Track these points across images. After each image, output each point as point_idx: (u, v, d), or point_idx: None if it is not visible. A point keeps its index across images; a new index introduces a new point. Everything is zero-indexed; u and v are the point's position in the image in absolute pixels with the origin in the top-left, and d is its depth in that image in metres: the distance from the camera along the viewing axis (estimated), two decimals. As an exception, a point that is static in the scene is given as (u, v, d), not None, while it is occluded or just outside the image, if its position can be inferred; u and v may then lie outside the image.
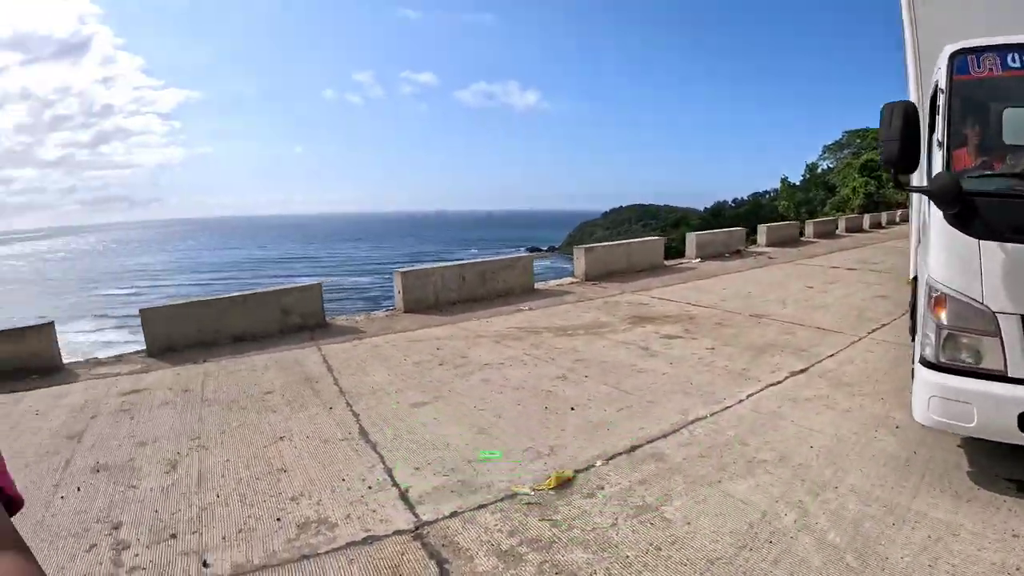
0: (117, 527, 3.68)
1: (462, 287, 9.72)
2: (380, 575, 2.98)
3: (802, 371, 5.65)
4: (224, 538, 3.44)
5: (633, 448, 4.09)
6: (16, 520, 2.50)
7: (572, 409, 4.81)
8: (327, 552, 3.21)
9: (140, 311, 8.04)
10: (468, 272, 9.93)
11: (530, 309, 8.77)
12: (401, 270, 9.47)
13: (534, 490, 3.61)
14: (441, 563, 3.02)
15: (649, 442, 4.17)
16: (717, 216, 59.13)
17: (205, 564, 3.21)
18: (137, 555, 3.37)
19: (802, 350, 6.29)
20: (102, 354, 8.56)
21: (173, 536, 3.52)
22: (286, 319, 8.47)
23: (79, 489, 4.22)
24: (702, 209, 78.86)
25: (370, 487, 3.85)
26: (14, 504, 0.57)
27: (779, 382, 5.36)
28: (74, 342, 30.57)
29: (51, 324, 7.69)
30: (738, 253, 15.35)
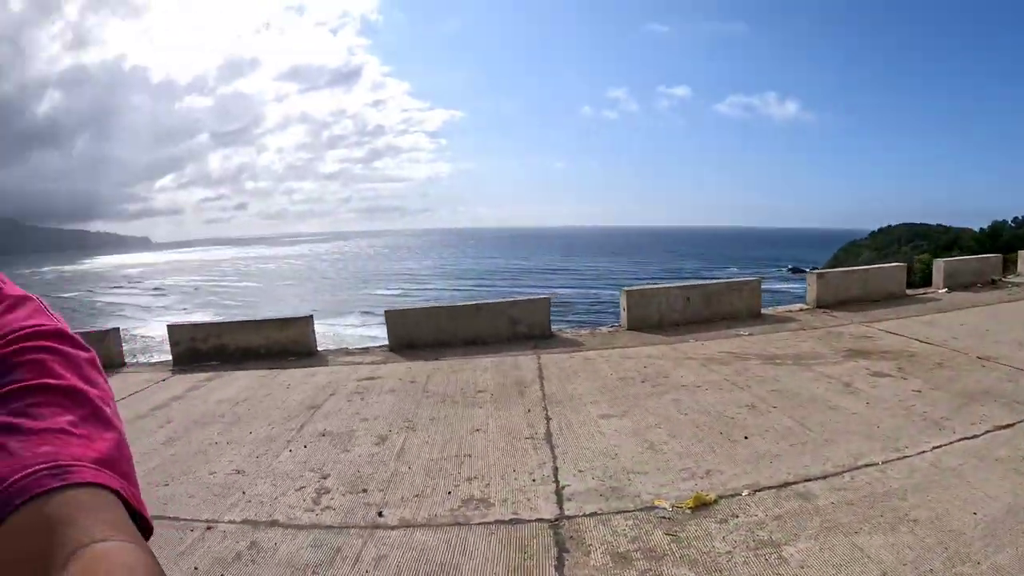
0: (325, 477, 4.66)
1: (686, 308, 9.81)
2: (509, 549, 3.44)
3: (1007, 426, 4.89)
4: (402, 499, 4.18)
5: (786, 484, 4.00)
6: (256, 462, 3.62)
7: (745, 438, 4.79)
8: (477, 524, 3.76)
9: (384, 312, 9.59)
10: (693, 294, 10.01)
11: (749, 334, 8.60)
12: (627, 288, 9.90)
13: (673, 507, 3.77)
14: (562, 551, 3.39)
15: (804, 480, 4.04)
16: (994, 238, 49.82)
17: (380, 514, 3.95)
18: (332, 499, 4.26)
19: (1017, 402, 5.42)
20: (365, 346, 10.27)
21: (364, 491, 4.36)
22: (514, 328, 9.42)
23: (305, 446, 5.34)
24: (978, 230, 67.25)
25: (534, 480, 4.32)
26: (147, 532, 0.61)
27: (975, 436, 4.72)
28: (341, 334, 35.58)
29: (310, 317, 9.66)
30: (992, 283, 13.07)
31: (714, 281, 10.78)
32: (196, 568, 3.46)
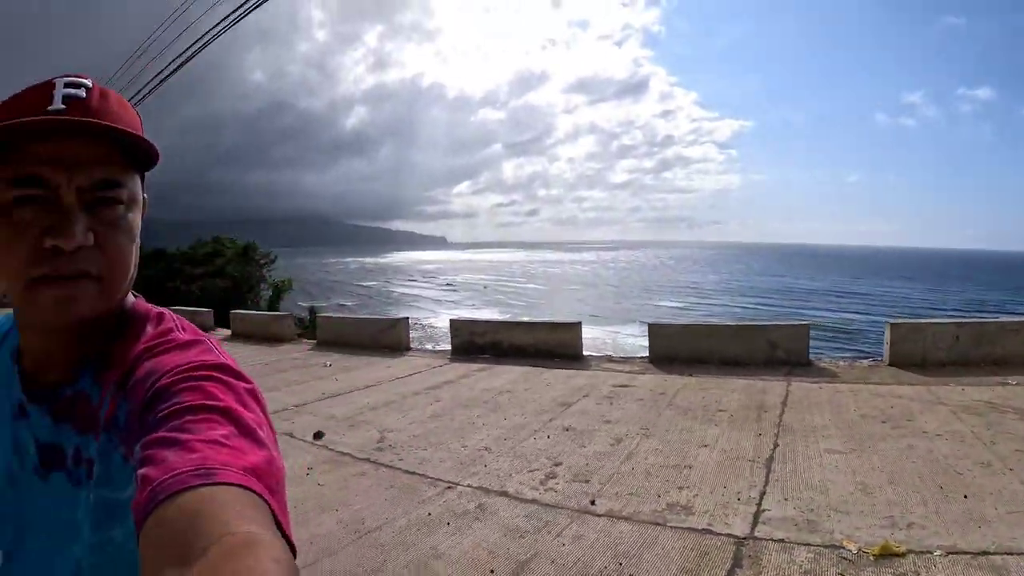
0: (557, 465, 5.36)
1: (952, 347, 8.60)
2: (689, 554, 3.74)
3: None
4: (616, 494, 4.70)
5: (983, 552, 3.63)
6: (503, 443, 4.77)
7: (965, 497, 4.36)
8: (672, 527, 4.11)
9: (648, 325, 10.14)
10: (963, 332, 8.72)
11: (1016, 384, 7.48)
12: (893, 321, 9.17)
13: (859, 550, 3.74)
14: (735, 566, 3.59)
15: (1005, 553, 3.60)
16: None
17: (592, 503, 4.53)
18: (557, 484, 4.95)
19: None
20: (630, 355, 10.97)
21: (586, 481, 4.97)
22: (772, 352, 9.29)
23: (548, 437, 6.12)
24: None
25: (739, 499, 4.50)
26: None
27: None
28: (621, 343, 36.06)
29: (579, 323, 10.65)
30: None
31: (988, 319, 9.47)
32: (430, 514, 4.38)
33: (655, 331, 10.07)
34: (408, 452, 5.80)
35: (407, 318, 12.95)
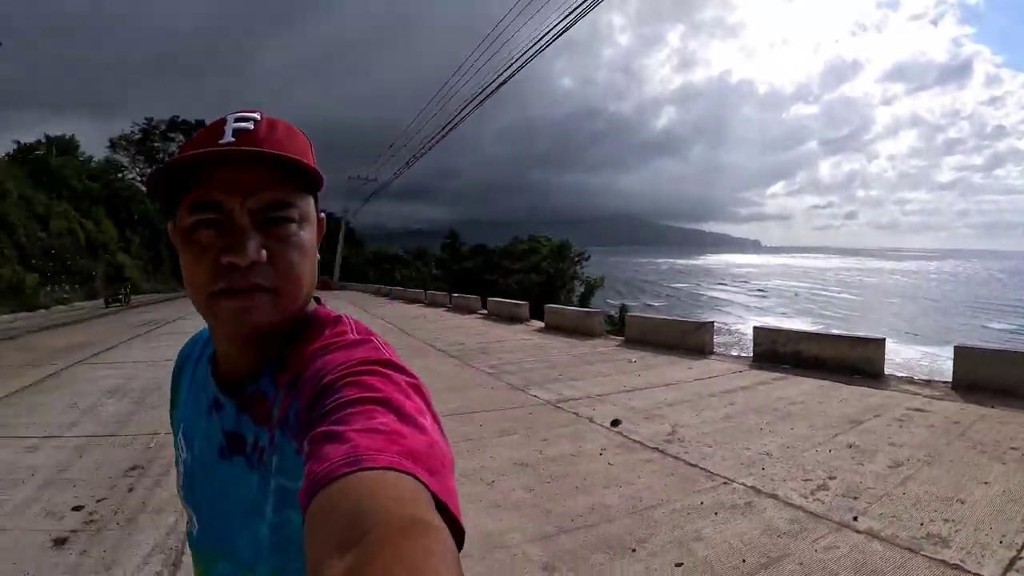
0: (831, 478, 5.80)
1: None
2: None
3: None
4: (880, 515, 5.04)
5: None
6: (784, 451, 5.82)
7: None
8: (923, 555, 4.39)
9: (955, 348, 9.53)
10: None
11: None
12: None
13: None
14: None
15: None
16: None
17: (854, 519, 4.96)
18: (825, 495, 5.45)
19: None
20: (929, 378, 10.47)
21: (854, 498, 5.36)
22: (1090, 388, 8.13)
23: (830, 451, 6.54)
24: None
25: (1001, 542, 4.54)
26: (458, 534, 0.61)
27: None
28: (931, 364, 31.94)
29: (882, 340, 10.30)
30: None
31: None
32: (701, 503, 5.24)
33: (961, 354, 9.34)
34: (694, 447, 6.65)
35: (712, 322, 13.53)
